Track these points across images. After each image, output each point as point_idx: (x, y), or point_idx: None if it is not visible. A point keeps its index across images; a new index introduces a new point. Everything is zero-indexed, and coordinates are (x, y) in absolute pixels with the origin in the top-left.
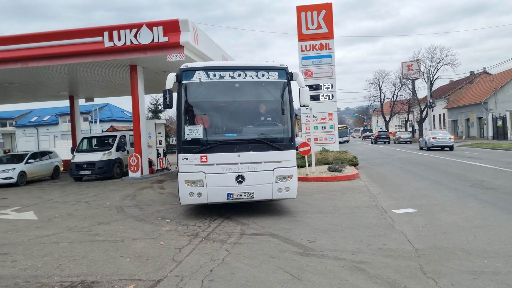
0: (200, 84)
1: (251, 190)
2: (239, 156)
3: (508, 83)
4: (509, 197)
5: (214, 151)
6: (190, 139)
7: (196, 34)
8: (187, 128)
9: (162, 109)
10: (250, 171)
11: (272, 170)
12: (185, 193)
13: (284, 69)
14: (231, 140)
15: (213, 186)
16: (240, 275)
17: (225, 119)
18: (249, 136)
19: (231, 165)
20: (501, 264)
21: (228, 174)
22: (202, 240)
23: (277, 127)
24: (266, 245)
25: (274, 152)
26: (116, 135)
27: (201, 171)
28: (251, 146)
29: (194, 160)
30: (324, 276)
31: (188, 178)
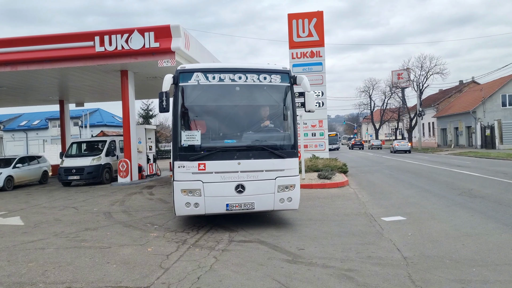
0: (198, 86)
1: (251, 200)
2: (239, 164)
3: (496, 93)
4: (497, 205)
5: (213, 158)
6: (187, 146)
7: (187, 40)
8: (184, 133)
9: (153, 114)
10: (251, 180)
11: (274, 179)
12: (181, 203)
13: (287, 72)
14: (231, 147)
15: (211, 196)
16: (227, 283)
17: (225, 125)
18: (250, 142)
19: (231, 173)
20: (489, 273)
21: (227, 183)
22: (190, 247)
23: (279, 134)
24: (254, 252)
25: (276, 160)
26: (106, 140)
27: (199, 179)
28: (252, 153)
29: (191, 168)
30: (312, 284)
31: (185, 187)
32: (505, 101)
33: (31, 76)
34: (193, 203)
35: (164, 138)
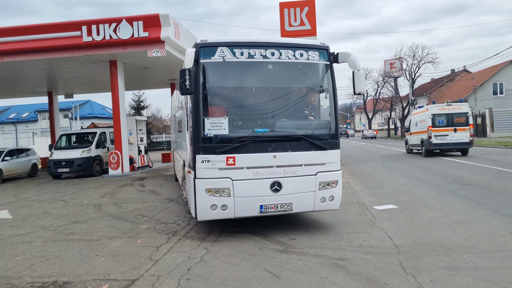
0: (224, 64)
1: (289, 200)
2: (275, 157)
3: (487, 81)
4: (487, 193)
5: (244, 151)
6: (212, 136)
7: (177, 29)
8: (208, 121)
9: (144, 106)
10: (288, 176)
11: (314, 175)
12: (204, 206)
13: (326, 48)
14: (265, 137)
15: (242, 196)
16: (218, 274)
17: (256, 110)
18: (287, 132)
19: (265, 168)
20: (480, 260)
21: (261, 181)
22: (180, 238)
23: (319, 121)
24: (245, 243)
25: (317, 152)
26: (96, 132)
27: (227, 176)
28: (289, 144)
29: (218, 163)
30: (303, 273)
31: (210, 186)
32: (496, 90)
33: (17, 67)
34: (220, 205)
35: (156, 130)
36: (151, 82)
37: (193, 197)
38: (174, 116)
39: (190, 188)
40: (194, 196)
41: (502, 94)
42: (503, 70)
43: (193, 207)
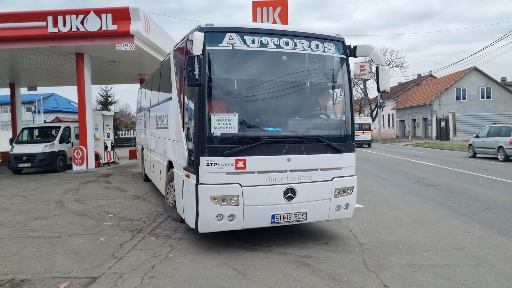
0: (233, 53)
1: (303, 209)
2: (289, 160)
3: (451, 87)
4: (448, 193)
5: (256, 153)
6: (219, 135)
7: (147, 23)
8: (215, 117)
9: (112, 101)
10: (303, 182)
11: (330, 181)
12: (209, 216)
13: (342, 40)
14: (279, 138)
15: (252, 204)
16: (183, 271)
17: (268, 107)
18: (302, 132)
19: (278, 173)
20: (439, 257)
21: (273, 187)
22: (145, 236)
23: (336, 121)
24: (212, 241)
25: (333, 155)
26: (60, 126)
27: (236, 182)
28: (304, 146)
29: (225, 166)
30: (268, 271)
31: (217, 194)
32: (459, 95)
33: None
34: (227, 216)
35: (124, 126)
36: (120, 77)
37: (193, 206)
38: (148, 110)
39: (189, 195)
40: (195, 205)
41: (465, 99)
42: (466, 77)
43: (192, 217)
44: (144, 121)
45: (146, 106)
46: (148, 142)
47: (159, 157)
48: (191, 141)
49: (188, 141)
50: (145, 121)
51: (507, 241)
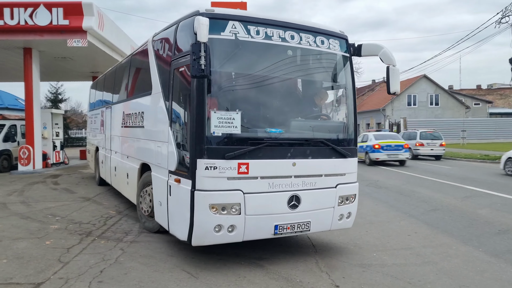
0: (236, 44)
1: (307, 218)
2: (295, 165)
3: (403, 93)
4: (398, 195)
5: (259, 156)
6: (220, 135)
7: (101, 20)
8: (215, 115)
9: (62, 99)
10: (307, 189)
11: (334, 188)
12: (206, 227)
13: (346, 38)
14: (284, 140)
15: (255, 214)
16: (133, 275)
17: (272, 106)
18: (307, 134)
19: (282, 179)
20: (387, 257)
21: (277, 194)
22: (95, 239)
23: (340, 123)
24: (165, 243)
25: (338, 160)
26: (5, 124)
27: (238, 188)
28: (310, 150)
29: (227, 171)
30: (222, 273)
31: (216, 202)
32: (410, 101)
33: None
34: (227, 226)
35: (75, 125)
36: (71, 74)
37: (186, 215)
38: (109, 108)
39: (180, 202)
40: (190, 214)
41: (415, 105)
42: (417, 84)
43: (183, 228)
44: (101, 119)
45: (105, 103)
46: (107, 142)
47: (127, 159)
48: (184, 142)
49: (178, 142)
50: (102, 119)
51: (450, 240)
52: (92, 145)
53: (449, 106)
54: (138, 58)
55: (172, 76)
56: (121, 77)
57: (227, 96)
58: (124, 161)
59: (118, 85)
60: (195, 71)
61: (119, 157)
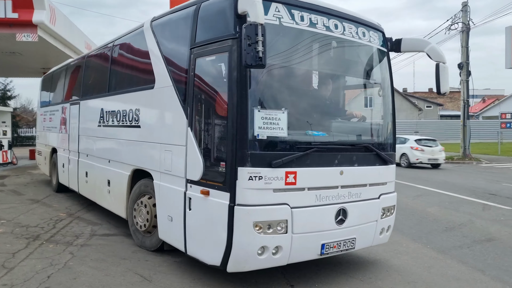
0: (279, 30)
1: (352, 235)
2: (342, 174)
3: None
4: None
5: (306, 163)
6: (265, 138)
7: (53, 14)
8: (260, 114)
9: (11, 96)
10: (353, 201)
11: (377, 199)
12: (249, 249)
13: (383, 31)
14: (332, 145)
15: (302, 232)
16: (83, 280)
17: (314, 104)
18: (354, 138)
19: (330, 190)
20: (340, 256)
21: (325, 208)
22: (43, 243)
23: (382, 125)
24: (118, 246)
25: (381, 167)
26: None
27: (285, 202)
28: (355, 156)
29: (273, 181)
30: (176, 275)
31: (261, 219)
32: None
33: None
34: (272, 248)
35: (25, 123)
36: (21, 70)
37: (221, 236)
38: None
39: (211, 219)
40: (227, 234)
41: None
42: None
43: (215, 251)
44: (62, 117)
45: (68, 98)
46: (72, 143)
47: (108, 164)
48: (215, 145)
49: (205, 145)
50: (63, 117)
51: (401, 238)
52: (45, 146)
53: (403, 108)
54: (126, 46)
55: (193, 66)
56: (95, 68)
57: (270, 92)
58: (104, 166)
59: (90, 77)
60: (251, 59)
61: (93, 161)
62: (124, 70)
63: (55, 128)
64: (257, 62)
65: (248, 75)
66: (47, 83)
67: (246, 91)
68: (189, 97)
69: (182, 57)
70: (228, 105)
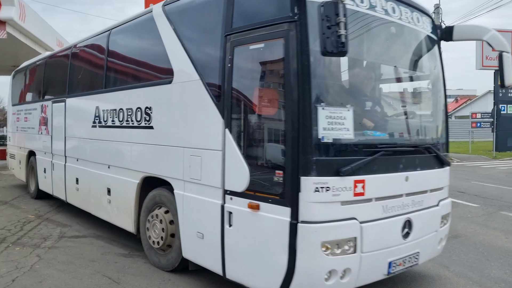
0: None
1: (416, 249)
2: (407, 180)
3: None
4: None
5: (374, 170)
6: (331, 141)
7: (23, 10)
8: (324, 113)
9: None
10: (417, 210)
11: (437, 207)
12: (316, 275)
13: (432, 17)
14: (398, 146)
15: (371, 250)
16: (48, 283)
17: (376, 100)
18: (417, 139)
19: (395, 199)
20: None
21: (392, 221)
22: (9, 246)
23: (440, 124)
24: (87, 248)
25: (440, 170)
26: None
27: (353, 217)
28: (418, 159)
29: (342, 192)
30: (146, 277)
31: (330, 238)
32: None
33: None
34: (340, 271)
35: None
36: None
37: (279, 259)
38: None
39: (264, 239)
40: (289, 257)
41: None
42: None
43: (270, 277)
44: (42, 116)
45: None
46: (56, 146)
47: (108, 169)
48: (266, 150)
49: (251, 150)
50: (44, 116)
51: None
52: (20, 148)
53: None
54: (128, 36)
55: (230, 56)
56: (86, 62)
57: (333, 86)
58: (102, 173)
59: (78, 72)
60: (332, 45)
61: (87, 166)
62: (125, 63)
63: (33, 129)
64: (339, 48)
65: (310, 66)
66: (20, 78)
67: (310, 85)
68: (226, 93)
69: (213, 46)
70: (286, 102)
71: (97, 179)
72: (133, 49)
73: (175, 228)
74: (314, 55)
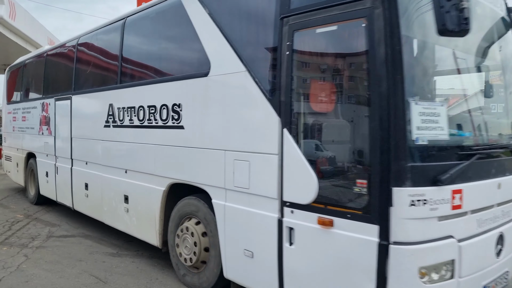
0: None
1: (506, 267)
2: (499, 187)
3: None
4: None
5: (468, 177)
6: (425, 143)
7: (13, 9)
8: (417, 108)
9: None
10: (507, 221)
11: None
12: None
13: None
14: (492, 148)
15: (469, 274)
16: (35, 283)
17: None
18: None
19: (487, 211)
20: None
21: (486, 237)
22: None
23: None
24: (75, 248)
25: None
26: None
27: (450, 235)
28: (507, 162)
29: (439, 206)
30: (133, 276)
31: (428, 262)
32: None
33: None
34: None
35: None
36: None
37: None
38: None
39: (344, 264)
40: (378, 286)
41: None
42: None
43: None
44: (42, 115)
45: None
46: (61, 148)
47: (125, 174)
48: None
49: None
50: (45, 115)
51: None
52: (18, 150)
53: None
54: (147, 24)
55: (289, 43)
56: (95, 55)
57: (424, 77)
58: (117, 178)
59: (87, 66)
60: (453, 22)
61: (98, 170)
62: (144, 55)
63: (32, 129)
64: (462, 26)
65: (402, 51)
66: (16, 75)
67: (402, 76)
68: (284, 86)
69: (264, 31)
70: (371, 97)
71: (112, 185)
72: (154, 39)
73: (208, 241)
74: (407, 38)
